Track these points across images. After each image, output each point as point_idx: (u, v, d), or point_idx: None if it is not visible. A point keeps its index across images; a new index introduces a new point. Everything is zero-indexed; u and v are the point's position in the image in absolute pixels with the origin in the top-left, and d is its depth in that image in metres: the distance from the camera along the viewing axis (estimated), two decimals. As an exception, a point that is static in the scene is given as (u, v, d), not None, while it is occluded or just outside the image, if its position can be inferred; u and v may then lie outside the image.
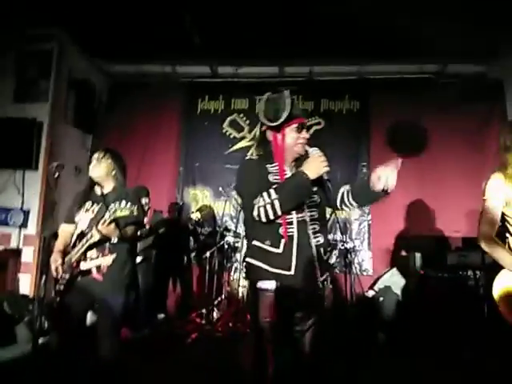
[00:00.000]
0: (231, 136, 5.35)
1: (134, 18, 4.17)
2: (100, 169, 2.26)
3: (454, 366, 2.95)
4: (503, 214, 1.93)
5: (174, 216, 4.70)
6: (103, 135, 5.28)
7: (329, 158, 1.88)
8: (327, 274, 1.83)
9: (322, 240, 1.80)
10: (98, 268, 2.14)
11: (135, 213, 1.98)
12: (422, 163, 4.87)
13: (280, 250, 1.74)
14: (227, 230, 4.73)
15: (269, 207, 1.69)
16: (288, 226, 1.75)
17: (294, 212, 1.76)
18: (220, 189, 4.81)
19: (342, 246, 4.67)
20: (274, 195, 1.70)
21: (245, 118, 5.35)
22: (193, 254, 5.02)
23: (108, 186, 2.29)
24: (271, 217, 1.70)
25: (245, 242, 4.22)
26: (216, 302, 4.21)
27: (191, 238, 4.98)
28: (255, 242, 1.80)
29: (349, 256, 4.46)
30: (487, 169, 2.06)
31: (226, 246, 4.47)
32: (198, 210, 5.18)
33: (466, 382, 2.69)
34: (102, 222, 1.99)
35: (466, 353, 3.03)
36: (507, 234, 1.97)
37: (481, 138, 4.79)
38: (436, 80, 5.01)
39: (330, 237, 4.82)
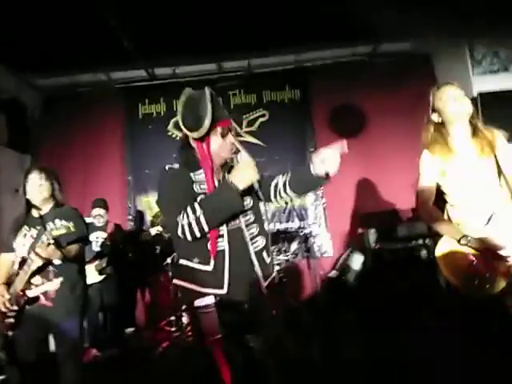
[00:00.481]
0: (177, 138, 5.26)
1: (59, 28, 3.95)
2: (41, 192, 2.17)
3: (417, 331, 3.10)
4: (439, 186, 2.04)
5: (134, 227, 4.60)
6: (41, 153, 5.03)
7: (277, 149, 1.89)
8: (274, 274, 1.75)
9: (261, 243, 1.70)
10: (45, 294, 2.05)
11: (72, 229, 1.91)
12: (366, 142, 5.04)
13: (210, 268, 1.59)
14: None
15: (194, 224, 1.51)
16: (218, 240, 1.59)
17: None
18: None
19: (301, 232, 4.78)
20: (198, 211, 1.51)
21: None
22: (155, 262, 4.95)
23: (46, 208, 2.20)
24: (197, 235, 1.53)
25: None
26: (183, 308, 4.16)
27: (156, 247, 4.90)
28: (182, 261, 1.65)
29: (308, 241, 4.58)
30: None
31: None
32: (153, 217, 5.09)
33: (427, 347, 2.83)
34: (39, 244, 1.91)
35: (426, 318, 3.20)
36: (445, 204, 2.09)
37: (416, 112, 4.99)
38: (369, 61, 5.18)
39: (289, 225, 4.92)
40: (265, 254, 1.71)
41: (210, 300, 1.57)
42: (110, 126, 5.27)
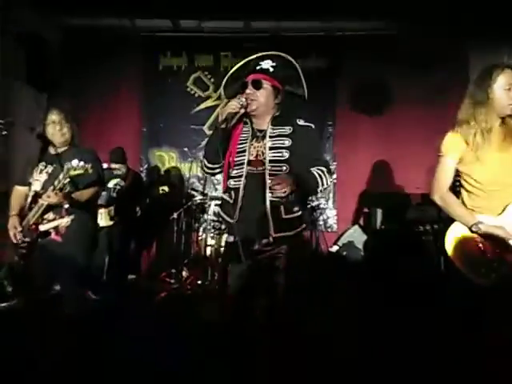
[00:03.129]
0: (196, 95, 5.19)
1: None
2: (63, 134, 2.19)
3: (414, 316, 3.13)
4: (457, 171, 2.01)
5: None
6: (59, 93, 4.99)
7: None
8: (286, 233, 1.85)
9: (280, 195, 1.80)
10: (56, 229, 2.10)
11: (90, 170, 1.93)
12: (387, 123, 4.96)
13: (231, 200, 1.89)
14: (194, 190, 4.71)
15: (202, 162, 2.00)
16: (235, 179, 1.89)
17: (244, 165, 1.87)
18: (186, 150, 4.72)
19: (308, 204, 4.78)
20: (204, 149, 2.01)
21: (210, 76, 5.18)
22: (160, 216, 5.02)
23: (63, 146, 2.21)
24: (205, 169, 1.97)
25: (212, 202, 4.23)
26: (185, 262, 4.26)
27: (157, 199, 4.97)
28: (222, 194, 2.00)
29: (314, 214, 4.58)
30: (447, 127, 2.09)
31: (194, 207, 4.46)
32: (165, 171, 5.12)
33: (425, 334, 2.86)
34: (56, 183, 1.94)
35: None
36: (461, 190, 2.06)
37: (442, 97, 4.87)
38: (402, 39, 4.98)
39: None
40: (282, 208, 1.83)
41: (230, 238, 1.91)
42: (129, 74, 5.20)
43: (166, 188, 5.02)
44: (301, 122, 1.99)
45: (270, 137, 1.92)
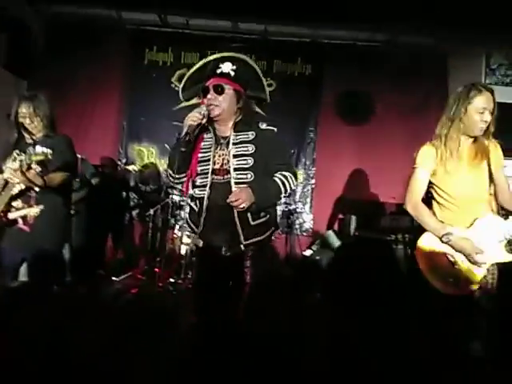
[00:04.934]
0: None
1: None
2: (33, 127, 2.17)
3: (384, 323, 3.19)
4: (430, 182, 2.07)
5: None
6: (39, 81, 4.87)
7: (276, 122, 1.97)
8: (256, 238, 1.86)
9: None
10: (25, 218, 2.06)
11: (49, 156, 1.91)
12: (368, 132, 5.04)
13: (196, 209, 1.92)
14: (172, 187, 4.66)
15: (167, 170, 1.99)
16: (200, 188, 1.89)
17: (208, 175, 1.87)
18: (166, 146, 4.67)
19: (286, 207, 4.81)
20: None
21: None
22: (136, 211, 4.96)
23: (39, 134, 2.16)
24: (170, 178, 1.95)
25: (189, 200, 4.20)
26: (158, 259, 4.21)
27: (134, 195, 4.89)
28: (189, 201, 2.10)
29: (291, 217, 4.62)
30: (424, 140, 2.15)
31: (171, 204, 4.42)
32: (143, 167, 5.06)
33: (395, 340, 2.92)
34: (18, 167, 1.92)
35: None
36: (433, 201, 2.12)
37: (423, 108, 4.99)
38: (385, 50, 5.09)
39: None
40: (249, 215, 1.84)
41: (199, 242, 1.93)
42: (113, 66, 5.11)
43: (142, 183, 4.96)
44: (263, 126, 1.94)
45: (234, 143, 1.88)
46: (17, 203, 2.08)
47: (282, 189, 1.86)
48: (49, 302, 2.14)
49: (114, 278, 4.04)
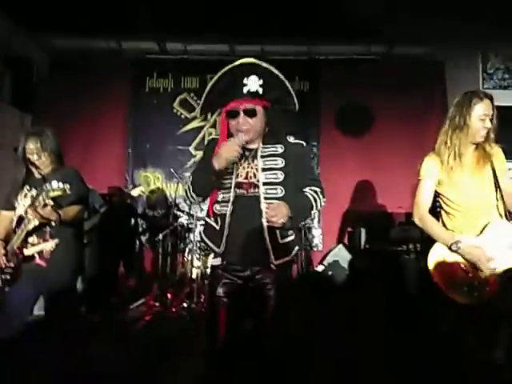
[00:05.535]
0: (182, 116, 5.24)
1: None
2: (41, 163, 2.19)
3: (398, 334, 3.15)
4: (436, 193, 2.08)
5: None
6: (44, 115, 4.98)
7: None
8: (285, 258, 1.74)
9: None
10: (41, 254, 2.08)
11: (68, 191, 1.93)
12: (370, 143, 5.08)
13: (217, 227, 1.76)
14: (180, 211, 4.69)
15: (186, 187, 1.80)
16: (221, 204, 1.75)
17: (231, 189, 1.73)
18: (172, 170, 4.72)
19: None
20: (190, 179, 1.79)
21: (195, 98, 5.23)
22: (145, 237, 4.98)
23: (46, 169, 2.20)
24: (191, 200, 1.80)
25: (198, 222, 4.22)
26: (170, 284, 4.21)
27: (142, 221, 4.92)
28: (206, 218, 1.86)
29: (300, 233, 4.61)
30: (427, 148, 2.17)
31: (180, 228, 4.44)
32: (150, 192, 5.10)
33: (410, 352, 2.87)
34: (37, 204, 1.94)
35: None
36: (441, 211, 2.12)
37: (423, 118, 5.02)
38: (382, 61, 5.16)
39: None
40: (278, 233, 1.72)
41: (217, 262, 1.75)
42: (115, 96, 5.22)
43: (150, 209, 5.01)
44: (291, 140, 1.85)
45: (262, 157, 1.77)
46: (32, 239, 2.11)
47: (314, 205, 1.78)
48: (66, 334, 2.15)
49: (127, 306, 4.03)
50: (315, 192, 1.81)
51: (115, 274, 4.38)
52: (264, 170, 1.75)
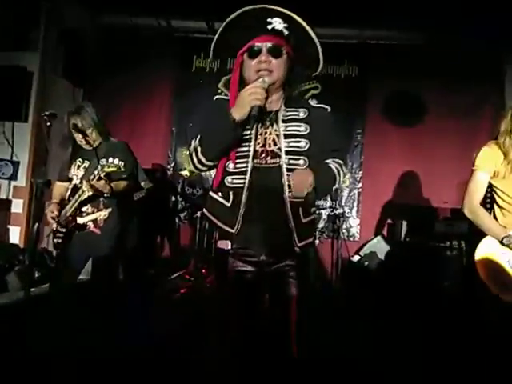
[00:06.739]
0: (226, 97, 5.23)
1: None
2: (87, 140, 2.26)
3: (434, 329, 3.06)
4: (490, 185, 1.97)
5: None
6: (94, 89, 5.14)
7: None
8: (308, 240, 1.53)
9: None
10: (95, 222, 2.20)
11: (122, 168, 2.02)
12: (418, 134, 4.88)
13: (229, 204, 1.49)
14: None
15: (194, 154, 1.46)
16: (236, 176, 1.47)
17: (249, 158, 1.46)
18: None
19: (332, 211, 4.75)
20: (198, 141, 1.45)
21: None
22: (183, 214, 5.10)
23: (96, 141, 2.28)
24: (198, 166, 1.47)
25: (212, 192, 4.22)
26: (206, 260, 4.30)
27: (180, 198, 5.04)
28: (211, 193, 1.56)
29: (337, 222, 4.55)
30: (478, 143, 2.06)
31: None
32: (190, 172, 5.19)
33: (448, 346, 2.79)
34: (91, 177, 2.05)
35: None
36: (494, 205, 2.02)
37: (475, 111, 4.77)
38: (436, 50, 4.89)
39: (320, 202, 4.87)
40: (301, 210, 1.49)
41: (226, 245, 1.50)
42: (163, 73, 5.30)
43: (190, 187, 5.10)
44: (314, 103, 1.57)
45: (284, 121, 1.51)
46: (86, 208, 2.22)
47: (337, 179, 1.51)
48: (112, 299, 2.26)
49: (165, 278, 4.16)
50: (339, 165, 1.54)
51: (154, 247, 4.54)
52: (286, 136, 1.49)
